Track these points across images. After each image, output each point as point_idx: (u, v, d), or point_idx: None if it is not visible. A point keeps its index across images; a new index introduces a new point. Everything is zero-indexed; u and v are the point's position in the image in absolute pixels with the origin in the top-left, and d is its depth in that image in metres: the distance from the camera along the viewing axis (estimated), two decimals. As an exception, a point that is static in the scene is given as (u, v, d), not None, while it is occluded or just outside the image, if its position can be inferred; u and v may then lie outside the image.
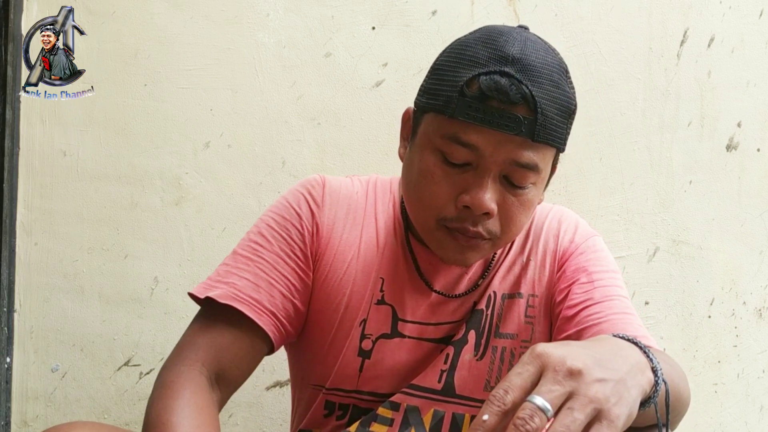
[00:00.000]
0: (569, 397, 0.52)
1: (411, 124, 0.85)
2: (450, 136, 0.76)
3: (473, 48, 0.77)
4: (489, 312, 0.89)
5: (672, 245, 1.26)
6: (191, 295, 0.85)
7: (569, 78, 0.81)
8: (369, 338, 0.88)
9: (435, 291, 0.89)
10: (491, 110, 0.74)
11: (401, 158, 0.87)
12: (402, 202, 0.91)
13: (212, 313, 0.83)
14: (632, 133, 1.27)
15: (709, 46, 1.28)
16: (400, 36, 1.26)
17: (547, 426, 0.51)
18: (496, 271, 0.91)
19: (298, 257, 0.87)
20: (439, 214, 0.80)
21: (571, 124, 0.82)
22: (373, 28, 1.27)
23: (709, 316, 1.27)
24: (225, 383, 0.82)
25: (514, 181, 0.78)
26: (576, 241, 0.91)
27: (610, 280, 0.88)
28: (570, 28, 1.27)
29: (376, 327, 0.88)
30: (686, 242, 1.27)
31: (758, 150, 1.29)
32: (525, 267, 0.91)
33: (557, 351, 0.53)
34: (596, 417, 0.52)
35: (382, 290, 0.88)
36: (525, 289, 0.90)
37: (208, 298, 0.83)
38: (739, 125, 1.29)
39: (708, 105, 1.28)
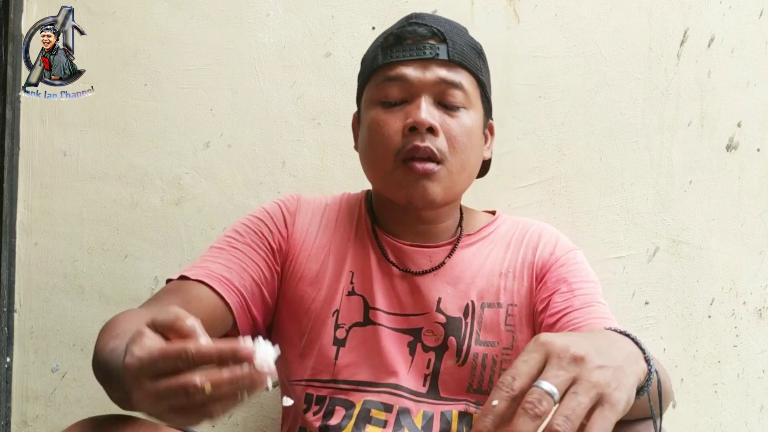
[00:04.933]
0: (573, 382, 0.54)
1: (358, 120, 1.00)
2: (382, 81, 0.91)
3: (389, 27, 0.96)
4: (468, 321, 0.94)
5: (672, 245, 1.26)
6: (168, 281, 0.91)
7: (475, 40, 0.98)
8: (342, 327, 0.94)
9: (402, 270, 0.96)
10: (408, 47, 0.91)
11: (356, 148, 1.01)
12: (369, 202, 1.02)
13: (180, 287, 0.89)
14: (632, 133, 1.27)
15: (709, 46, 1.28)
16: (400, 36, 1.26)
17: (553, 410, 0.53)
18: (474, 277, 0.96)
19: (267, 249, 0.95)
20: (392, 151, 0.89)
21: (483, 62, 0.97)
22: (373, 28, 1.26)
23: (709, 316, 1.27)
24: None
25: (446, 101, 0.90)
26: (556, 254, 0.97)
27: (590, 289, 0.93)
28: (570, 28, 1.27)
29: (348, 316, 0.95)
30: (686, 242, 1.27)
31: (758, 150, 1.29)
32: (504, 278, 0.96)
33: (560, 339, 0.56)
34: (598, 401, 0.54)
35: (352, 282, 0.96)
36: (504, 299, 0.95)
37: (182, 277, 0.89)
38: (739, 125, 1.29)
39: (708, 105, 1.28)
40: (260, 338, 0.58)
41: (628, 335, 0.65)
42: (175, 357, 0.57)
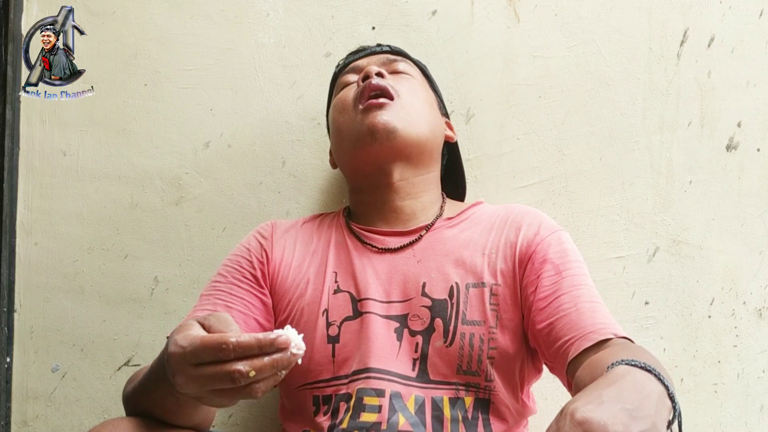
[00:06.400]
0: None
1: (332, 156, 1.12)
2: (343, 75, 1.09)
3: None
4: (454, 301, 0.95)
5: (672, 245, 1.27)
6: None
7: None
8: (334, 324, 0.97)
9: (381, 248, 1.00)
10: (359, 52, 1.12)
11: (333, 164, 1.14)
12: (346, 211, 1.09)
13: None
14: (632, 133, 1.27)
15: (709, 46, 1.28)
16: (400, 36, 1.26)
17: None
18: (456, 258, 0.98)
19: (250, 280, 1.01)
20: (351, 104, 1.01)
21: (429, 74, 1.14)
22: (373, 28, 1.27)
23: (709, 316, 1.27)
24: None
25: (391, 69, 1.05)
26: (541, 234, 0.98)
27: (577, 269, 0.95)
28: (570, 28, 1.27)
29: (338, 312, 0.97)
30: (686, 242, 1.27)
31: (758, 150, 1.29)
32: (487, 258, 0.98)
33: (596, 415, 0.58)
34: None
35: (336, 281, 0.99)
36: (487, 278, 0.96)
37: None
38: (739, 125, 1.29)
39: (708, 105, 1.28)
40: (288, 326, 0.68)
41: (650, 370, 0.67)
42: (216, 348, 0.64)
